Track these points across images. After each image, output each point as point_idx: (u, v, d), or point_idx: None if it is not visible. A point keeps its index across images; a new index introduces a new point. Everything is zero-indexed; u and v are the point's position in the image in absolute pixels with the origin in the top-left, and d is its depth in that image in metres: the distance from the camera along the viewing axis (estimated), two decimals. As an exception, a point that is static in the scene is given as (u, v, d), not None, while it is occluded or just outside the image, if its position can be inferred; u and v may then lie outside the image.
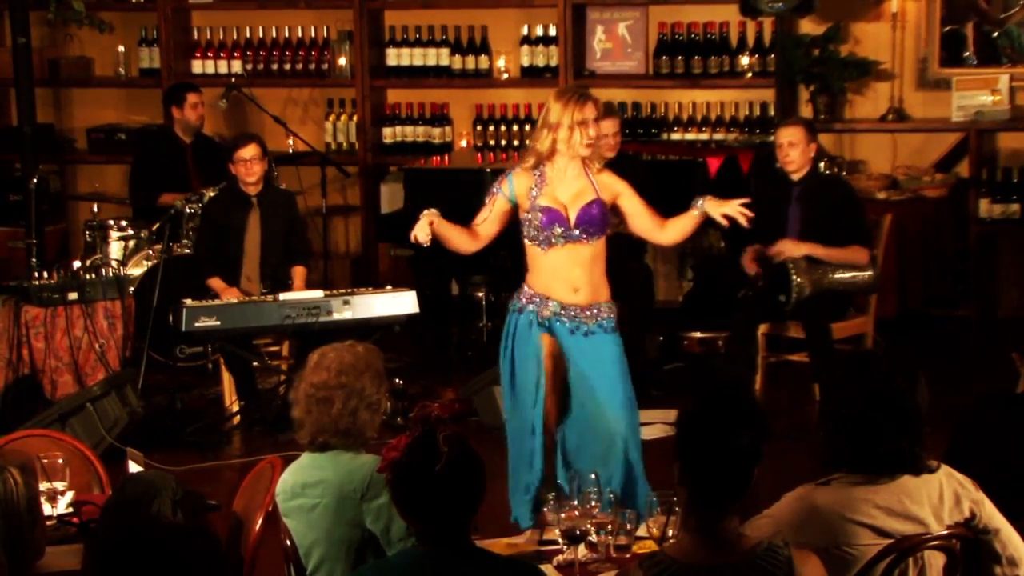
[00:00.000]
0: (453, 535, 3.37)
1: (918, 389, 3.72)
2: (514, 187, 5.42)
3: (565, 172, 5.38)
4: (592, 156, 5.40)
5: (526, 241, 5.43)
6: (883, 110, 9.39)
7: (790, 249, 7.30)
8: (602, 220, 5.37)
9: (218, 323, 7.21)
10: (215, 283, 7.63)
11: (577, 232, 5.34)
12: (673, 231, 5.48)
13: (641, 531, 4.12)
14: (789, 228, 7.42)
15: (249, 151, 7.71)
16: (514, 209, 5.43)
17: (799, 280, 7.19)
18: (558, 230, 5.32)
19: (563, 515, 3.99)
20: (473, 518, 3.41)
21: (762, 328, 7.48)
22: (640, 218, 5.46)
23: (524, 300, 5.44)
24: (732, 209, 5.33)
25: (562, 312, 5.38)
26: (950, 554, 3.75)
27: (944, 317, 9.19)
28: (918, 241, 8.86)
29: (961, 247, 9.14)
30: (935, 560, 3.74)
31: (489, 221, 5.45)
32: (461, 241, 5.46)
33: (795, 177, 7.44)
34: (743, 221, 5.36)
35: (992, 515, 3.79)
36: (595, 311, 5.41)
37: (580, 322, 5.39)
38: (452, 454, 3.36)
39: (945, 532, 3.72)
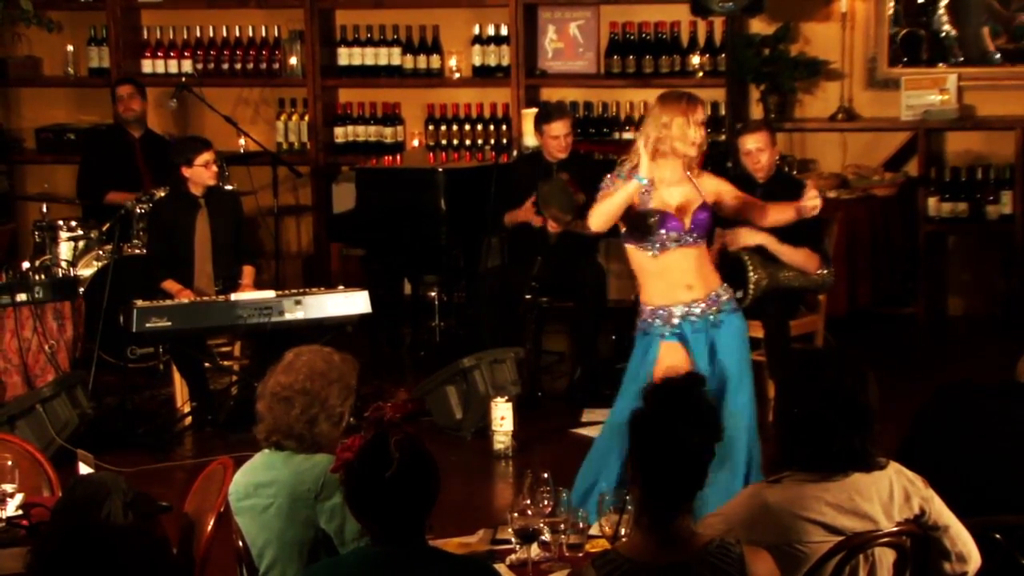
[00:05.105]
0: (406, 536, 3.37)
1: (868, 387, 3.75)
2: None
3: (668, 175, 5.40)
4: (694, 159, 5.43)
5: (631, 247, 5.45)
6: (833, 109, 9.44)
7: (744, 236, 7.19)
8: (709, 222, 5.49)
9: (169, 324, 7.16)
10: (170, 286, 7.58)
11: (691, 237, 5.41)
12: (772, 218, 5.76)
13: (594, 530, 4.13)
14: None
15: (211, 155, 7.70)
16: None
17: (756, 275, 7.08)
18: (672, 234, 5.37)
19: (515, 514, 3.99)
20: (427, 517, 3.41)
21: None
22: (746, 209, 5.64)
23: (647, 319, 5.47)
24: None
25: (688, 311, 5.43)
26: (900, 551, 3.77)
27: (893, 315, 9.25)
28: (867, 240, 8.90)
29: (910, 246, 9.20)
30: (885, 557, 3.76)
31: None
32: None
33: (761, 180, 7.41)
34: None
35: (941, 512, 3.82)
36: (714, 297, 5.47)
37: (708, 315, 5.43)
38: (403, 459, 3.34)
39: (895, 529, 3.74)
